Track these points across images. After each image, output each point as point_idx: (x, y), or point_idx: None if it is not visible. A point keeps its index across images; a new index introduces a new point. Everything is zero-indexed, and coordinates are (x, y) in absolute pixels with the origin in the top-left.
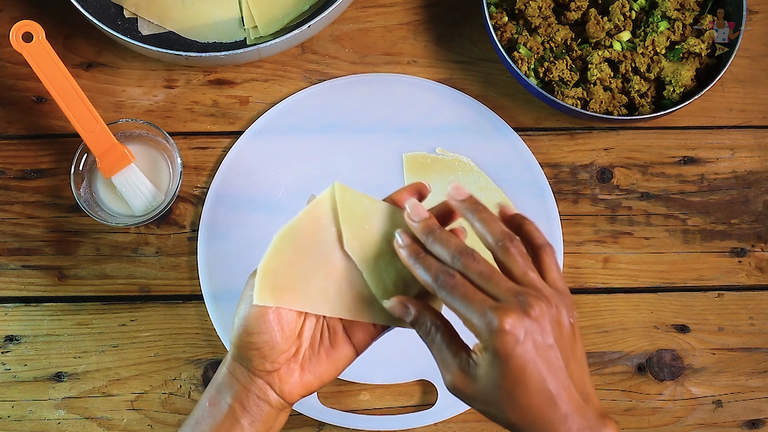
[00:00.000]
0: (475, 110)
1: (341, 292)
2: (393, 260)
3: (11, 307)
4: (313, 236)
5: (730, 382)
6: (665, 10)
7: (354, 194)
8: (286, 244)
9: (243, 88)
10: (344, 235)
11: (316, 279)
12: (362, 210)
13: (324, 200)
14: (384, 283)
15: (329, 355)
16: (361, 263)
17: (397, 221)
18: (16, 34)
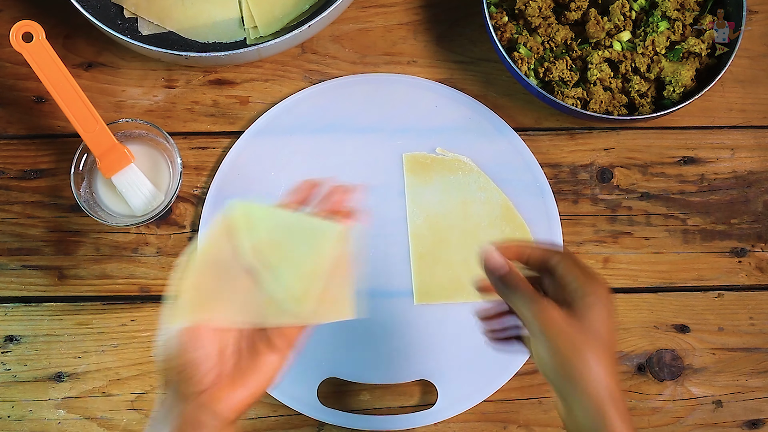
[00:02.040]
0: (475, 110)
1: (251, 303)
2: (293, 261)
3: (11, 307)
4: (216, 255)
5: (730, 382)
6: (665, 10)
7: (250, 206)
8: (194, 264)
9: (243, 88)
10: (246, 247)
11: (226, 294)
12: (258, 220)
13: (222, 219)
14: (289, 285)
15: (257, 366)
16: (263, 271)
17: (287, 223)
18: (16, 34)
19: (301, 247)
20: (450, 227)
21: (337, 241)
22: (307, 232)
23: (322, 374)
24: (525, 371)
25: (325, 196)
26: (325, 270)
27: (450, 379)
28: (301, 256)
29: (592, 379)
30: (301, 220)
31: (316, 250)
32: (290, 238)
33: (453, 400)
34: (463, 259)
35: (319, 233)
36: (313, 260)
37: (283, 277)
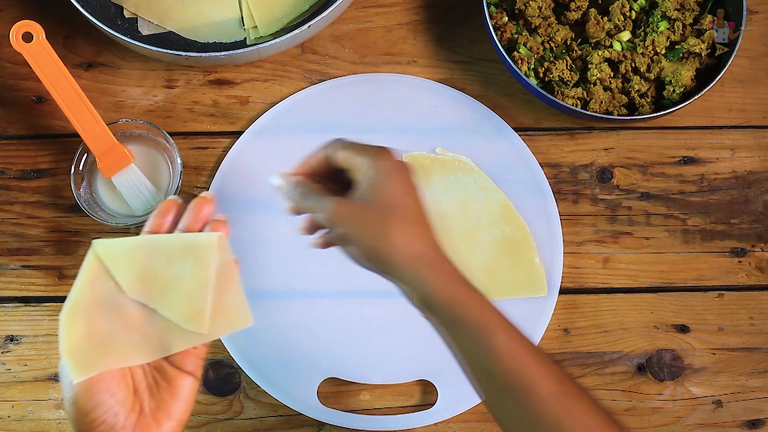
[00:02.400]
0: (475, 110)
1: (147, 336)
2: (176, 282)
3: (11, 307)
4: (97, 299)
5: (730, 382)
6: (665, 10)
7: (114, 244)
8: (76, 316)
9: (243, 88)
10: (123, 284)
11: (119, 334)
12: (128, 254)
13: (91, 262)
14: (181, 307)
15: (173, 394)
16: (151, 301)
17: (160, 247)
18: (16, 34)
19: (180, 267)
20: (450, 227)
21: (214, 251)
22: (182, 251)
23: (322, 374)
24: None
25: (189, 211)
26: (212, 282)
27: (450, 379)
28: (183, 275)
29: (393, 249)
30: (172, 240)
31: (196, 266)
32: (167, 261)
33: (453, 400)
34: (463, 259)
35: (195, 248)
36: (196, 276)
37: (173, 301)
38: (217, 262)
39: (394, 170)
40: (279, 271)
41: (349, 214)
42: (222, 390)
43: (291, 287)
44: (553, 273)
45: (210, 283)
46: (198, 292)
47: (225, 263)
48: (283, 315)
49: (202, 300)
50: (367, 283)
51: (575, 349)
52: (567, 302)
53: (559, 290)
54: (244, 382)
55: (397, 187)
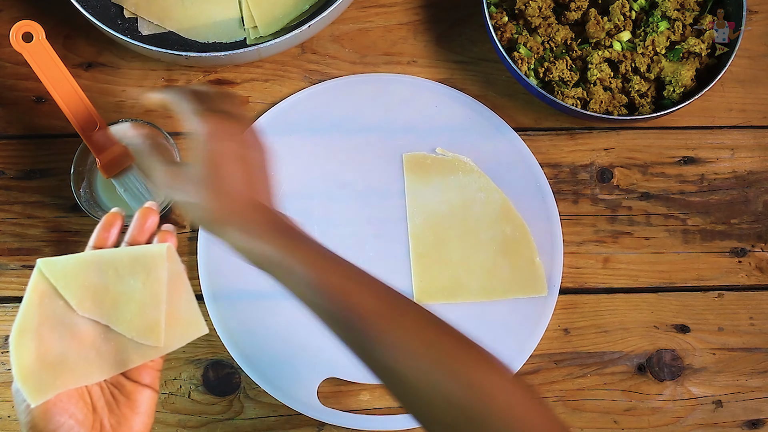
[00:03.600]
0: (475, 110)
1: (101, 353)
2: (128, 297)
3: (11, 307)
4: (47, 318)
5: (730, 382)
6: (665, 10)
7: (59, 261)
8: (25, 338)
9: (243, 88)
10: (72, 302)
11: (73, 353)
12: (75, 271)
13: (37, 281)
14: (134, 321)
15: (133, 408)
16: (104, 317)
17: (109, 262)
18: (16, 34)
19: (131, 280)
20: (450, 227)
21: (164, 262)
22: (131, 264)
23: (322, 374)
24: (524, 371)
25: (133, 224)
26: (164, 294)
27: None
28: (134, 289)
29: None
30: (120, 254)
31: (147, 278)
32: (117, 276)
33: None
34: (463, 259)
35: (144, 261)
36: (148, 289)
37: (126, 316)
38: (166, 272)
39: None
40: None
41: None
42: (222, 390)
43: None
44: (553, 273)
45: (162, 295)
46: (151, 305)
47: (175, 274)
48: (282, 315)
49: (156, 313)
50: None
51: (575, 349)
52: (567, 302)
53: (559, 290)
54: (244, 382)
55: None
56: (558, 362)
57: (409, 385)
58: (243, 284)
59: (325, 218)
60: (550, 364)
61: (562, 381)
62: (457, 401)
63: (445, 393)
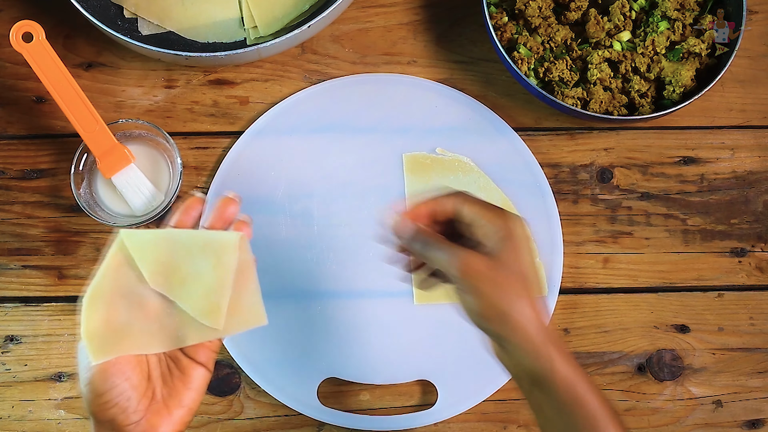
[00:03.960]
0: (475, 110)
1: (164, 326)
2: (196, 277)
3: (11, 307)
4: (119, 286)
5: (730, 382)
6: (665, 10)
7: (140, 234)
8: (97, 301)
9: (243, 88)
10: (145, 274)
11: (138, 322)
12: (152, 246)
13: (116, 250)
14: (199, 302)
15: (185, 383)
16: (171, 293)
17: (184, 242)
18: (16, 34)
19: (201, 263)
20: None
21: (235, 250)
22: (204, 248)
23: (322, 374)
24: None
25: (214, 210)
26: (230, 280)
27: (450, 379)
28: (203, 271)
29: (524, 318)
30: (196, 236)
31: (217, 263)
32: (189, 256)
33: (453, 400)
34: None
35: (217, 246)
36: (216, 273)
37: (192, 295)
38: (237, 261)
39: (526, 240)
40: (279, 272)
41: (485, 269)
42: (222, 390)
43: (291, 287)
44: (553, 273)
45: (229, 281)
46: (216, 289)
47: (244, 263)
48: (283, 315)
49: (220, 297)
50: (368, 283)
51: (575, 349)
52: (567, 302)
53: (559, 290)
54: (244, 382)
55: (526, 255)
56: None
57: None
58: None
59: (325, 218)
60: None
61: None
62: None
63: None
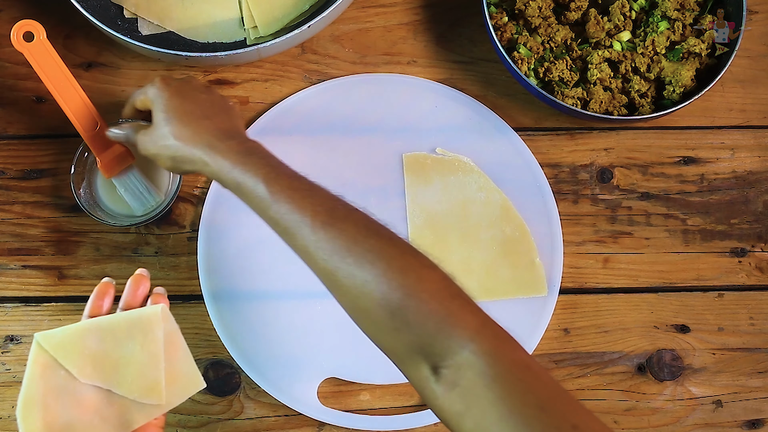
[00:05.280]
0: (475, 110)
1: (106, 417)
2: (127, 360)
3: (11, 307)
4: (50, 388)
5: (730, 382)
6: (665, 10)
7: (58, 334)
8: (31, 408)
9: (243, 88)
10: (73, 371)
11: (78, 419)
12: (74, 341)
13: (37, 354)
14: (136, 383)
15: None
16: (105, 382)
17: (107, 329)
18: (17, 34)
19: (129, 344)
20: (450, 227)
21: (160, 323)
22: (129, 329)
23: (322, 374)
24: None
25: (126, 291)
26: (162, 354)
27: None
28: (133, 352)
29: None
30: (117, 320)
31: (144, 341)
32: (115, 341)
33: None
34: (463, 259)
35: (140, 324)
36: (146, 350)
37: (127, 378)
38: (163, 332)
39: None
40: (279, 272)
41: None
42: (222, 390)
43: (291, 287)
44: (553, 273)
45: (160, 355)
46: (150, 366)
47: (170, 333)
48: (283, 315)
49: (156, 372)
50: None
51: (575, 349)
52: (567, 302)
53: (559, 290)
54: (244, 382)
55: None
56: (558, 362)
57: (341, 283)
58: (243, 284)
59: None
60: (550, 364)
61: (562, 381)
62: (386, 301)
63: (375, 292)
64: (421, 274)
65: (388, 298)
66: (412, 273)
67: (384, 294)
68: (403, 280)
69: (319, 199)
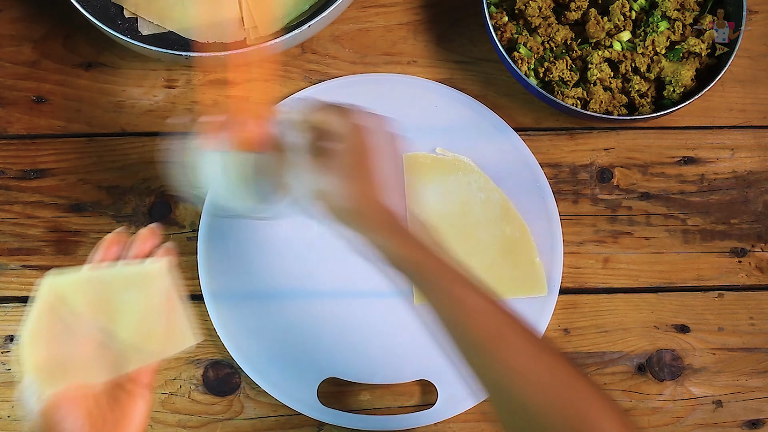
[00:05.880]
0: (475, 110)
1: (104, 356)
2: (128, 307)
3: (11, 307)
4: (55, 325)
5: (730, 382)
6: (665, 10)
7: (68, 275)
8: (36, 340)
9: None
10: (78, 311)
11: (78, 356)
12: (82, 284)
13: (46, 291)
14: (132, 331)
15: (131, 405)
16: (106, 325)
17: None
18: None
19: (132, 293)
20: (450, 227)
21: (163, 277)
22: (134, 278)
23: (322, 374)
24: None
25: (136, 242)
26: (161, 306)
27: (450, 379)
28: (135, 300)
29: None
30: (121, 269)
31: (147, 291)
32: (120, 288)
33: (453, 400)
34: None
35: (145, 275)
36: (147, 301)
37: (127, 324)
38: (163, 287)
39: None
40: (279, 271)
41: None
42: (222, 390)
43: (291, 287)
44: (553, 273)
45: (160, 307)
46: (149, 316)
47: (170, 287)
48: (283, 315)
49: (154, 322)
50: (367, 283)
51: (575, 349)
52: (567, 302)
53: (559, 290)
54: (244, 382)
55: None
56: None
57: (517, 406)
58: (243, 284)
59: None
60: None
61: None
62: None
63: (553, 419)
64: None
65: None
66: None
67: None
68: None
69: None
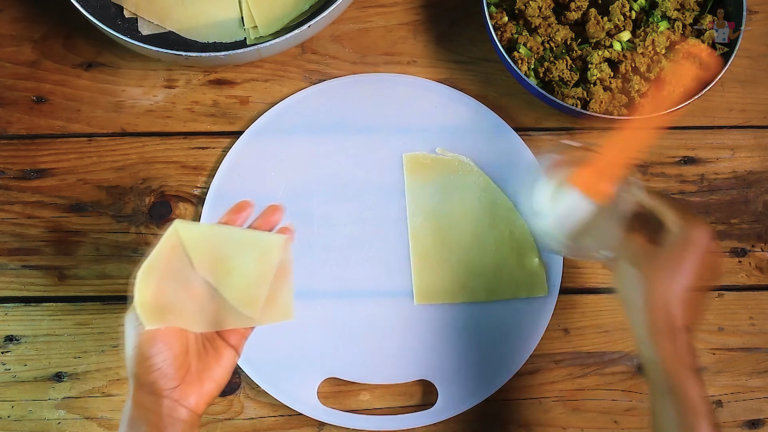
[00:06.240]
0: (475, 110)
1: (205, 310)
2: (240, 270)
3: (11, 307)
4: (169, 268)
5: (730, 382)
6: (665, 10)
7: (194, 226)
8: (149, 277)
9: (243, 88)
10: (195, 262)
11: (183, 302)
12: (204, 237)
13: (171, 236)
14: (239, 291)
15: (216, 360)
16: (216, 281)
17: (234, 237)
18: None
19: (247, 257)
20: (450, 227)
21: (279, 250)
22: (252, 244)
23: (322, 374)
24: (525, 371)
25: (261, 214)
26: (270, 277)
27: (450, 379)
28: (248, 265)
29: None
30: (245, 234)
31: (261, 260)
32: (237, 250)
33: (453, 400)
34: (463, 259)
35: (263, 244)
36: (259, 268)
37: (234, 285)
38: (278, 260)
39: (708, 244)
40: None
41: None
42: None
43: None
44: (553, 273)
45: (269, 277)
46: (257, 283)
47: (284, 263)
48: None
49: (259, 290)
50: (368, 283)
51: (575, 349)
52: (567, 302)
53: (559, 290)
54: (244, 382)
55: (706, 260)
56: (558, 362)
57: None
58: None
59: (325, 218)
60: (550, 364)
61: (562, 381)
62: None
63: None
64: None
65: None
66: None
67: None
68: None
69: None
